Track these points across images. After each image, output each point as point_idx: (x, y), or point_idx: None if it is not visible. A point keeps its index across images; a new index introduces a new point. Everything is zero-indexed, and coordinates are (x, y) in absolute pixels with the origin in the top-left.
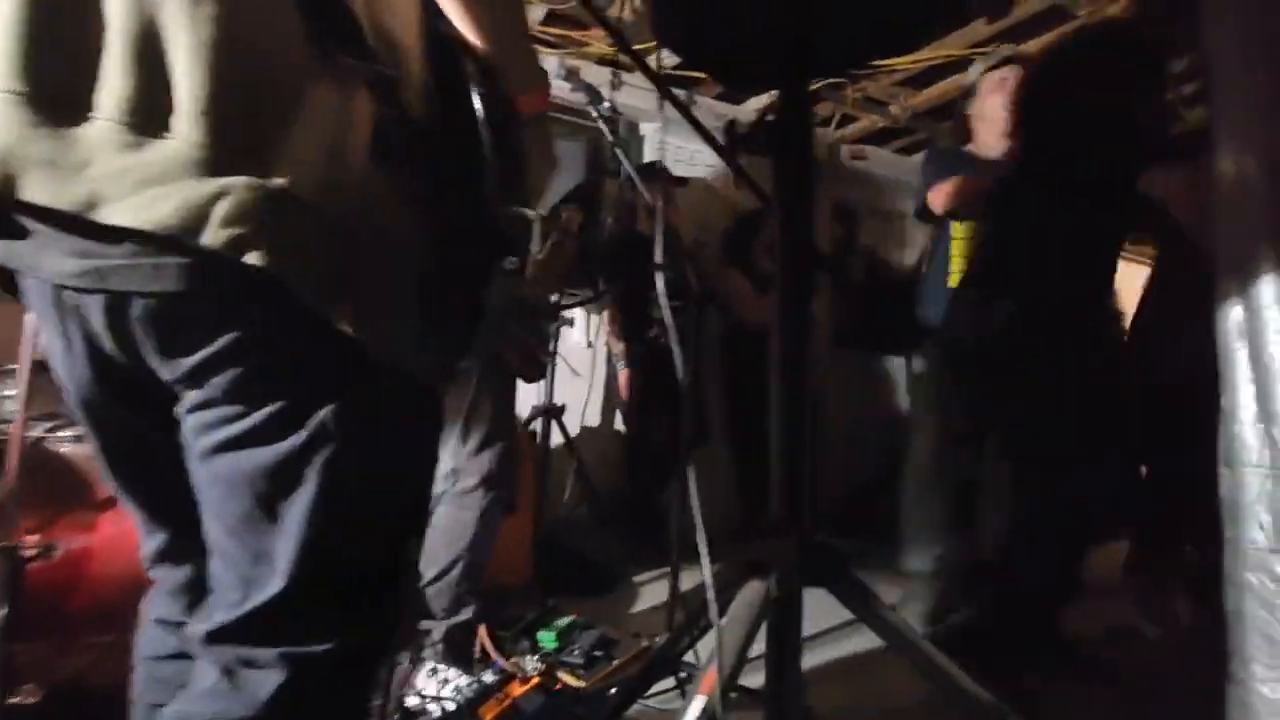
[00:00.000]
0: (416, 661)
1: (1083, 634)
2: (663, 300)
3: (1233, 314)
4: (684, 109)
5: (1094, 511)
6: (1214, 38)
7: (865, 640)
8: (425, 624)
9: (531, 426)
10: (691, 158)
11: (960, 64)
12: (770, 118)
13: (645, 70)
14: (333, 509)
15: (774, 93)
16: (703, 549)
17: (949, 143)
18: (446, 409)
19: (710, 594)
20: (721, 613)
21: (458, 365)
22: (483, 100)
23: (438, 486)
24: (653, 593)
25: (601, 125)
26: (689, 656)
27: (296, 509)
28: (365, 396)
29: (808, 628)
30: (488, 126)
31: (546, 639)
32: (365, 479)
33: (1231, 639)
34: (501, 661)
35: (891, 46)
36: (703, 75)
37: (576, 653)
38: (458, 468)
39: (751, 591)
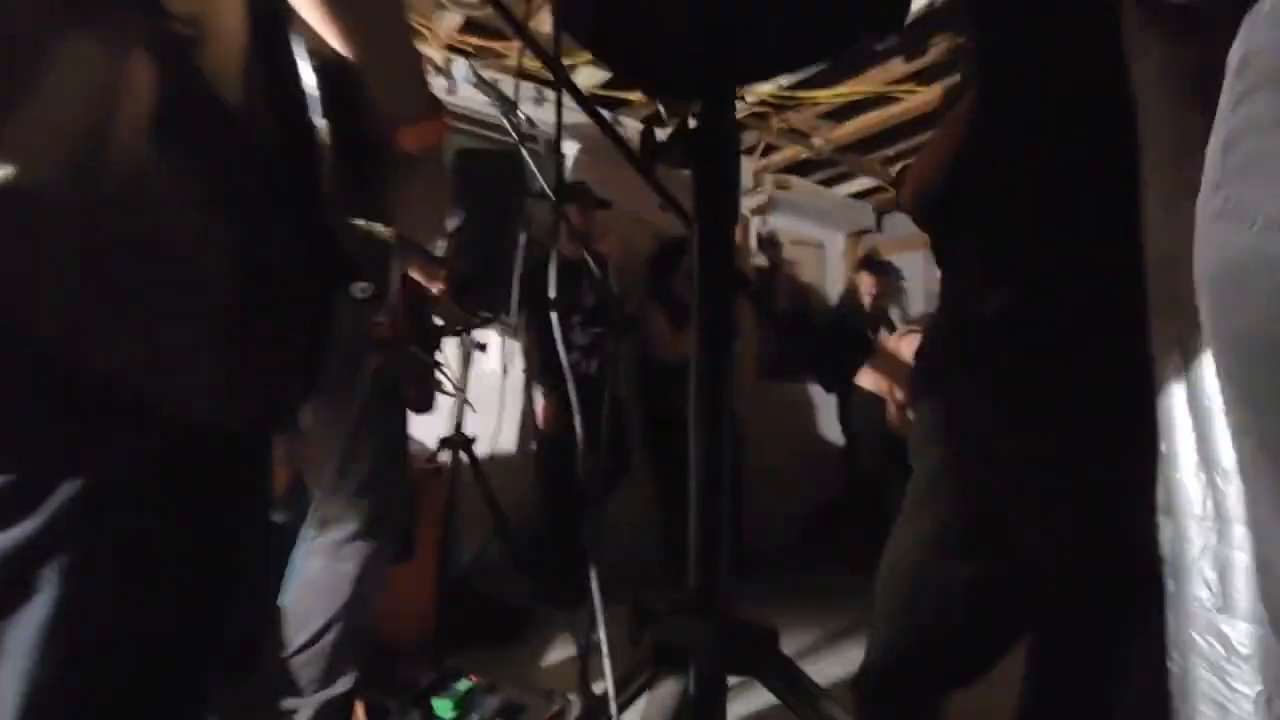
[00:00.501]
0: None
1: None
2: (557, 334)
3: (1169, 357)
4: (601, 119)
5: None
6: (1139, 73)
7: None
8: (290, 702)
9: (438, 460)
10: (616, 180)
11: (879, 100)
12: (691, 124)
13: (560, 79)
14: (81, 631)
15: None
16: (604, 647)
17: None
18: (321, 447)
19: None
20: (627, 706)
21: (281, 413)
22: (321, 77)
23: (306, 534)
24: (568, 641)
25: (514, 135)
26: None
27: (22, 635)
28: (134, 464)
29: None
30: (327, 113)
31: (443, 708)
32: (134, 582)
33: (1175, 704)
34: None
35: (820, 53)
36: (630, 97)
37: None
38: (330, 514)
39: (667, 688)
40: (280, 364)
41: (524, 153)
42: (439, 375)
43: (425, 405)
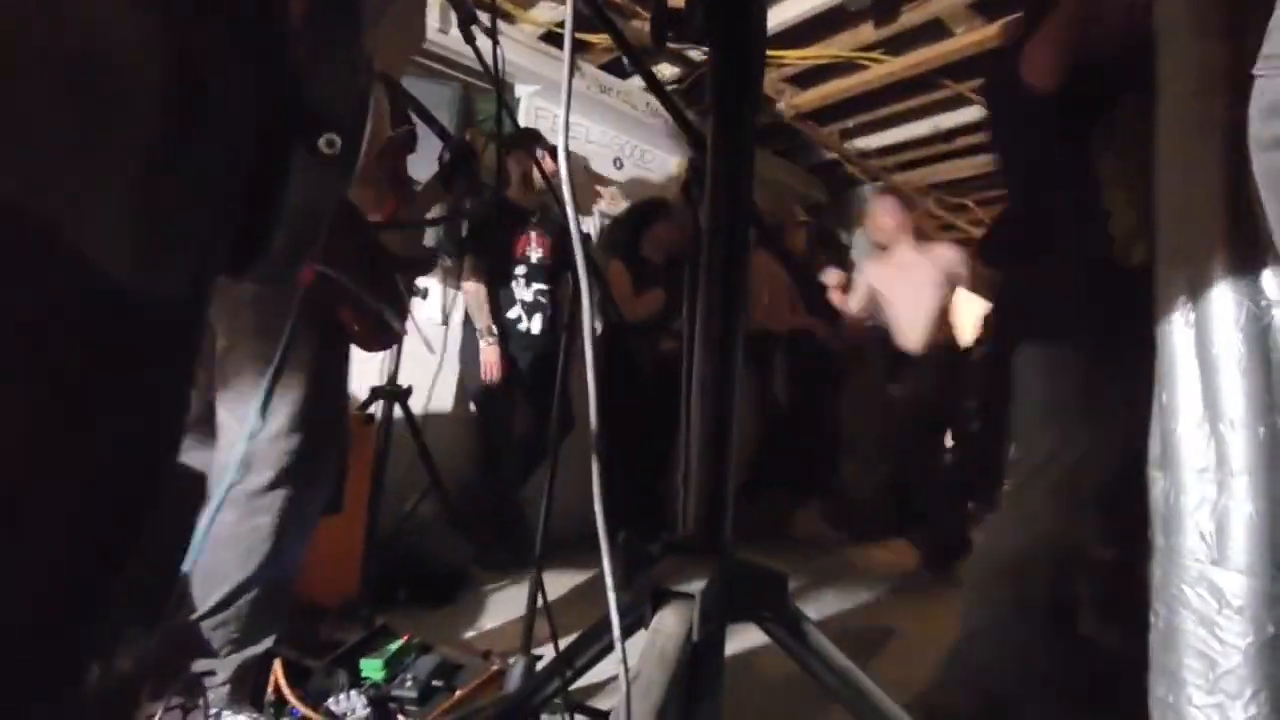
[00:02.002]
0: (192, 710)
1: None
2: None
3: (1176, 304)
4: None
5: None
6: (1162, 7)
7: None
8: (205, 663)
9: (370, 410)
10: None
11: (844, 68)
12: None
13: None
14: None
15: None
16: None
17: None
18: (240, 374)
19: (620, 655)
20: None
21: (206, 282)
22: None
23: (224, 478)
24: (505, 602)
25: (478, 55)
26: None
27: None
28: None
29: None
30: None
31: (372, 669)
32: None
33: (1158, 658)
34: (301, 709)
35: None
36: (590, 39)
37: (409, 683)
38: (262, 461)
39: (666, 631)
40: (214, 227)
41: (482, 84)
42: (394, 308)
43: (374, 340)
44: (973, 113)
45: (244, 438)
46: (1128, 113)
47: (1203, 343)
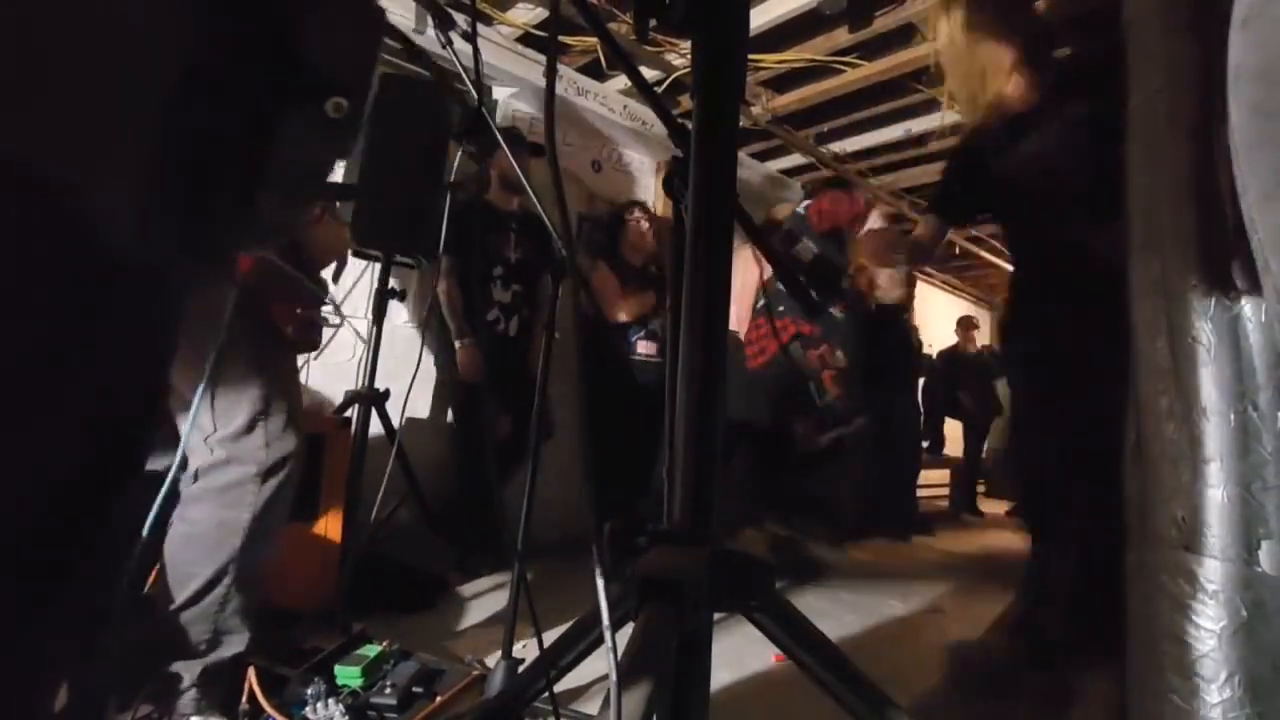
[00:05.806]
0: (163, 715)
1: None
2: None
3: (1150, 298)
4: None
5: None
6: (1132, 6)
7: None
8: (178, 665)
9: (346, 414)
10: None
11: (819, 72)
12: None
13: None
14: None
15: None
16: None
17: None
18: (186, 374)
19: (610, 644)
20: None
21: (208, 258)
22: None
23: (184, 482)
24: (484, 607)
25: (454, 58)
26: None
27: None
28: None
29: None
30: None
31: (349, 676)
32: None
33: (1134, 644)
34: (277, 717)
35: None
36: (569, 41)
37: (389, 690)
38: (215, 456)
39: (654, 622)
40: (215, 191)
41: (458, 83)
42: (320, 306)
43: (304, 338)
44: (944, 118)
45: (186, 436)
46: None
47: (1176, 335)
